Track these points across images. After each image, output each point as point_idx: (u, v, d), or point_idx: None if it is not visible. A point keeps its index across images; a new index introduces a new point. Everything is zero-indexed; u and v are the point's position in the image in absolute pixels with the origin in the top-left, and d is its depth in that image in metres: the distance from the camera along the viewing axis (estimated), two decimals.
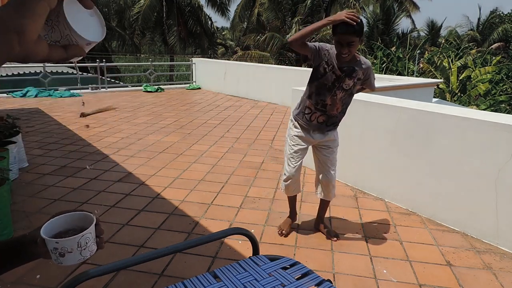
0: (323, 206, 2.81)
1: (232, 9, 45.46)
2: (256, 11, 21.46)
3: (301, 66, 15.34)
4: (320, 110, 2.43)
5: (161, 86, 10.76)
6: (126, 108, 7.75)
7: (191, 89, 11.01)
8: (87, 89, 10.12)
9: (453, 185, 2.90)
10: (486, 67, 15.91)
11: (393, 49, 18.69)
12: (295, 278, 1.31)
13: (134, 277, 2.24)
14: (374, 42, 18.92)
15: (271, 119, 6.85)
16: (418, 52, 19.34)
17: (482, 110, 9.25)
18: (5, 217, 2.59)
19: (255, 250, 1.42)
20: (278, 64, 19.10)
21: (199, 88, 11.14)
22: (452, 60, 16.95)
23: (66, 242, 0.73)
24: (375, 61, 16.98)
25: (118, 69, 20.89)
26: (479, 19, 30.39)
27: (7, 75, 11.84)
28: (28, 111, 7.13)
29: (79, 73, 14.36)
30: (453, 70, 16.15)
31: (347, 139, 3.42)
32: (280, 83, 8.41)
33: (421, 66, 18.85)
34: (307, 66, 15.28)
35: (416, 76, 16.95)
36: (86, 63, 15.83)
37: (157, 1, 20.92)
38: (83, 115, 6.78)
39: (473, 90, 15.24)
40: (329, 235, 2.74)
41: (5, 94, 9.02)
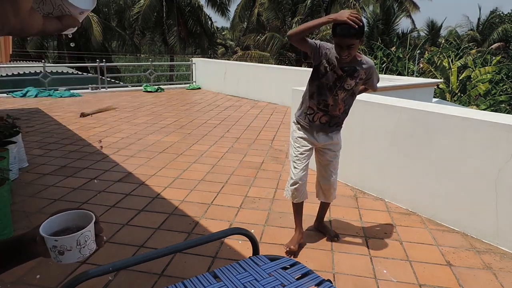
0: (324, 207, 2.80)
1: (232, 9, 45.52)
2: (256, 11, 21.48)
3: (301, 66, 15.36)
4: (322, 110, 2.40)
5: (161, 86, 10.77)
6: (126, 108, 7.76)
7: (191, 89, 11.01)
8: (87, 89, 10.12)
9: (453, 185, 2.90)
10: (486, 67, 15.89)
11: (393, 49, 18.68)
12: (295, 278, 1.31)
13: (134, 277, 2.24)
14: (374, 42, 18.91)
15: (271, 119, 6.85)
16: (418, 52, 19.33)
17: (482, 110, 9.25)
18: (5, 217, 2.59)
19: (255, 250, 1.42)
20: (278, 64, 19.12)
21: (199, 88, 11.14)
22: (452, 60, 16.93)
23: (65, 240, 0.72)
24: (375, 61, 16.94)
25: (118, 69, 20.92)
26: (479, 19, 30.38)
27: (7, 75, 11.85)
28: (28, 111, 7.13)
29: (79, 73, 14.36)
30: (453, 70, 16.13)
31: (347, 139, 3.41)
32: (280, 83, 8.41)
33: (421, 66, 18.83)
34: (307, 65, 15.29)
35: (416, 76, 16.94)
36: (86, 63, 15.82)
37: (157, 1, 20.94)
38: (83, 115, 6.78)
39: (473, 90, 15.23)
40: (329, 235, 2.73)
41: (5, 94, 9.03)
